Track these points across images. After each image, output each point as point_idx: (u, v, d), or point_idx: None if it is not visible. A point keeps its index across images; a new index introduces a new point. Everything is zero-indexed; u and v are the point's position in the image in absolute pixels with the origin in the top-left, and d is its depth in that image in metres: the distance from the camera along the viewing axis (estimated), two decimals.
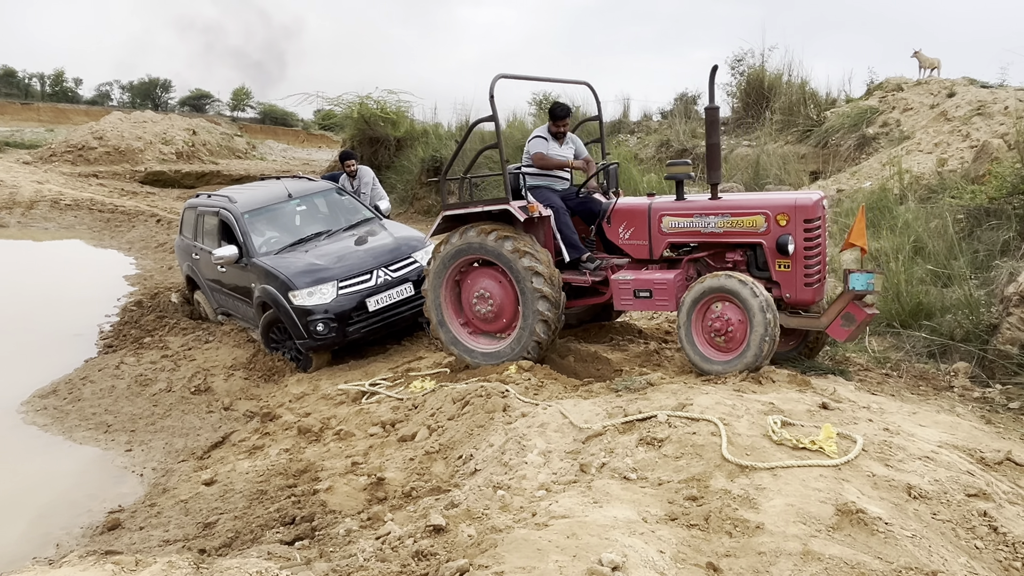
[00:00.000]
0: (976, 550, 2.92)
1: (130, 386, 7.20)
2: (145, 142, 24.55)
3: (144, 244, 14.61)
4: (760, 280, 5.10)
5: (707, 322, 5.06)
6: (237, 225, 7.78)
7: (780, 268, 5.10)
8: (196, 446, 5.90)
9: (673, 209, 5.49)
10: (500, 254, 5.65)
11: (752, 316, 4.77)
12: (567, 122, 6.10)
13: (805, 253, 5.02)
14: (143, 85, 60.34)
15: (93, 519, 4.89)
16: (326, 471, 4.67)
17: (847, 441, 3.67)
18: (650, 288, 5.42)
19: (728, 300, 4.95)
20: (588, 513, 3.09)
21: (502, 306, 5.88)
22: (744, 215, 5.17)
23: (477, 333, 6.15)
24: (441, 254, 6.04)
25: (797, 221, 4.99)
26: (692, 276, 5.52)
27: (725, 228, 5.24)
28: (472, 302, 6.02)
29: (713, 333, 5.04)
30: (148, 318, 9.17)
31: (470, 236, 5.81)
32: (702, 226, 5.34)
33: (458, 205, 6.01)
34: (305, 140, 46.31)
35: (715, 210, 5.29)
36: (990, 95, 10.34)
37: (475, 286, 6.00)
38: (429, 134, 19.20)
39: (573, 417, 4.32)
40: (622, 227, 5.73)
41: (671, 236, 5.51)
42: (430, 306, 6.19)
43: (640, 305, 5.56)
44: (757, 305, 4.75)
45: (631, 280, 5.51)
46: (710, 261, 5.51)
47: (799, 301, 5.14)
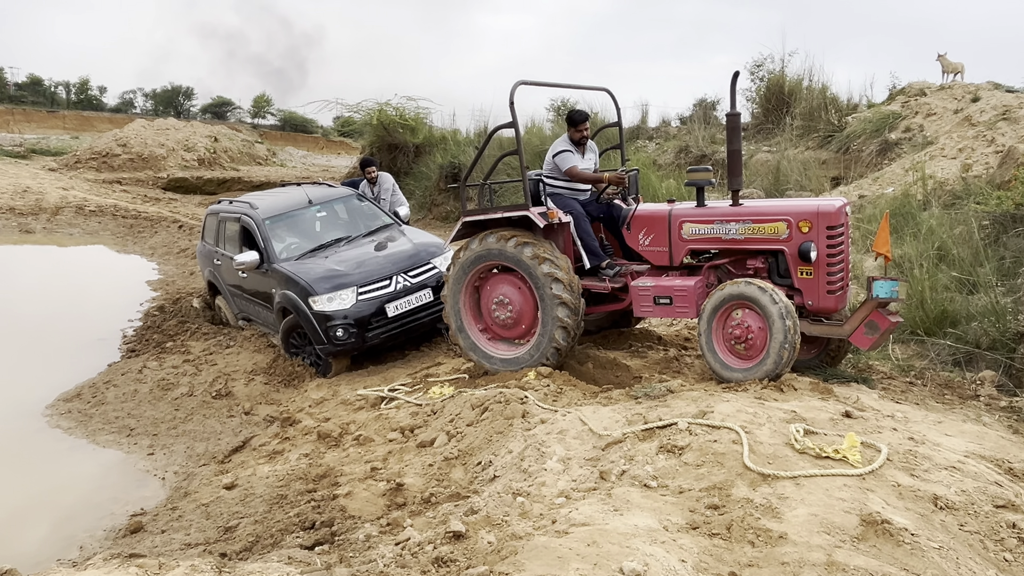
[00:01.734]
0: (1005, 563, 2.86)
1: (152, 390, 7.28)
2: (168, 149, 24.90)
3: (166, 250, 14.78)
4: (782, 287, 5.06)
5: (727, 329, 5.02)
6: (258, 231, 7.84)
7: (802, 275, 5.05)
8: (217, 450, 5.94)
9: (694, 215, 5.45)
10: (520, 260, 5.64)
11: (772, 323, 4.73)
12: (587, 127, 6.09)
13: (828, 260, 4.97)
14: (166, 93, 61.10)
15: (116, 522, 4.94)
16: (346, 476, 4.68)
17: (871, 450, 3.62)
18: (670, 295, 5.40)
19: (748, 307, 4.90)
20: (608, 521, 3.07)
21: (521, 312, 5.88)
22: (766, 222, 5.13)
23: (496, 339, 6.14)
24: (460, 260, 6.05)
25: (820, 228, 4.94)
26: (713, 283, 5.47)
27: (746, 235, 5.21)
28: (491, 308, 6.03)
29: (733, 340, 4.99)
30: (170, 323, 9.27)
31: (489, 242, 5.82)
32: (723, 232, 5.31)
33: (478, 211, 6.02)
34: (324, 147, 46.68)
35: (736, 216, 5.25)
36: (1015, 99, 10.20)
37: (494, 292, 6.00)
38: (448, 140, 19.28)
39: (592, 424, 4.30)
40: (642, 233, 5.70)
41: (692, 243, 5.48)
42: (449, 312, 6.19)
43: (660, 312, 5.51)
44: (777, 312, 4.71)
45: (651, 287, 5.49)
46: (731, 268, 5.47)
47: (821, 309, 5.08)
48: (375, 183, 9.54)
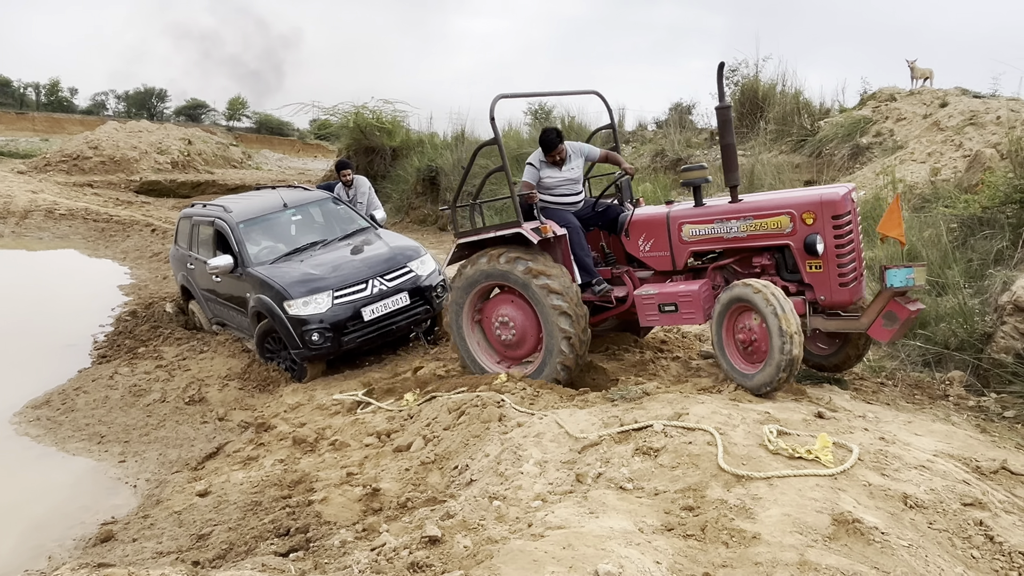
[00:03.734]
0: (972, 560, 2.92)
1: (124, 396, 7.17)
2: (140, 152, 24.56)
3: (139, 254, 14.58)
4: (791, 283, 4.93)
5: (737, 333, 4.85)
6: (232, 235, 7.77)
7: (811, 269, 4.83)
8: (190, 457, 5.87)
9: (692, 216, 5.25)
10: (514, 277, 5.48)
11: (768, 325, 4.53)
12: (561, 149, 5.77)
13: (837, 252, 4.72)
14: (138, 95, 60.32)
15: (86, 531, 4.85)
16: (321, 482, 4.65)
17: (843, 450, 3.67)
18: (675, 301, 5.19)
19: (750, 309, 4.72)
20: (584, 523, 3.08)
21: (524, 330, 5.71)
22: (767, 216, 4.92)
23: (504, 360, 5.96)
24: (458, 285, 5.89)
25: (825, 218, 4.71)
26: (720, 285, 5.27)
27: (749, 232, 5.00)
28: (495, 329, 5.86)
29: (743, 344, 4.82)
30: (142, 328, 9.14)
31: (482, 264, 5.68)
32: (724, 231, 5.10)
33: (471, 232, 5.84)
34: (301, 150, 46.34)
35: (736, 213, 5.05)
36: (982, 105, 10.41)
37: (496, 313, 5.84)
38: (425, 144, 19.24)
39: (569, 427, 4.31)
40: (641, 239, 5.52)
41: (693, 244, 5.28)
42: (455, 340, 6.03)
43: (666, 320, 5.30)
44: (771, 313, 4.50)
45: (654, 294, 5.28)
46: (737, 268, 5.26)
47: (835, 302, 4.85)
48: (350, 186, 9.49)
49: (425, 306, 7.37)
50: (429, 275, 7.51)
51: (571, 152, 5.96)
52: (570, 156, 5.94)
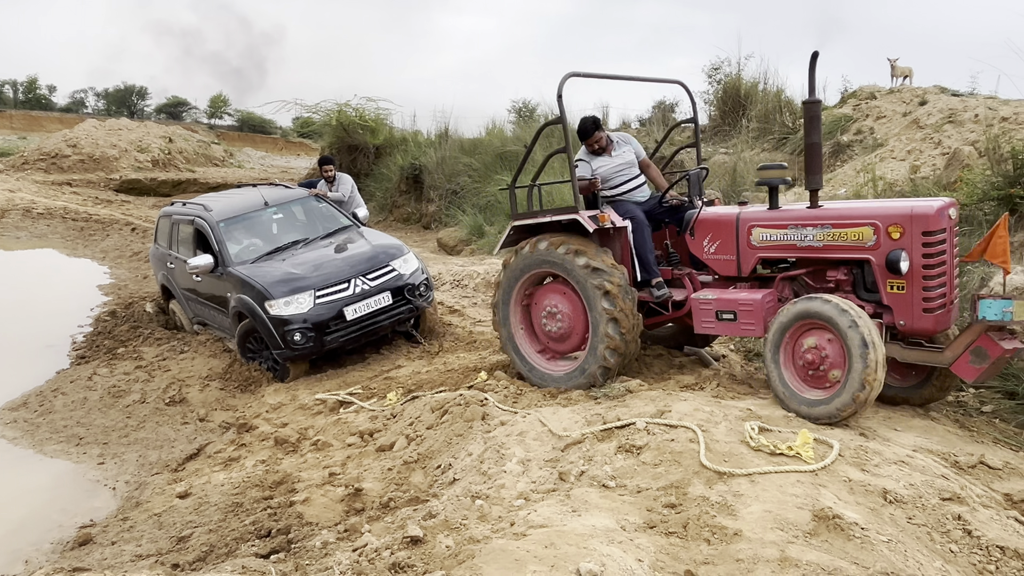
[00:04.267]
0: (951, 554, 2.94)
1: (103, 398, 7.08)
2: (120, 150, 24.27)
3: (119, 253, 14.41)
4: (868, 304, 4.46)
5: (798, 353, 4.34)
6: (212, 234, 7.69)
7: (892, 290, 4.32)
8: (170, 458, 5.80)
9: (765, 219, 4.82)
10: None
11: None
12: (600, 137, 5.55)
13: (924, 272, 4.20)
14: (118, 92, 59.71)
15: (63, 534, 4.78)
16: (303, 482, 4.61)
17: (824, 446, 3.69)
18: (734, 309, 4.80)
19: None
20: (567, 522, 3.07)
21: (572, 325, 5.39)
22: (849, 226, 4.43)
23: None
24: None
25: (914, 233, 4.19)
26: (787, 297, 4.86)
27: (826, 241, 4.52)
28: (542, 319, 5.58)
29: (805, 366, 4.29)
30: (122, 328, 9.03)
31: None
32: (798, 239, 4.64)
33: (527, 215, 5.56)
34: (284, 148, 46.05)
35: (814, 220, 4.57)
36: (961, 103, 10.52)
37: (545, 302, 5.55)
38: (408, 142, 19.18)
39: (552, 425, 4.30)
40: (707, 240, 5.12)
41: (762, 250, 4.85)
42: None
43: (723, 328, 4.93)
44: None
45: (713, 300, 4.91)
46: (808, 280, 4.81)
47: (916, 330, 4.33)
48: (333, 182, 9.43)
49: (408, 305, 7.34)
50: (412, 274, 7.47)
51: (616, 139, 5.72)
52: (616, 143, 5.69)
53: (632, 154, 5.71)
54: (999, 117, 9.55)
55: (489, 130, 18.02)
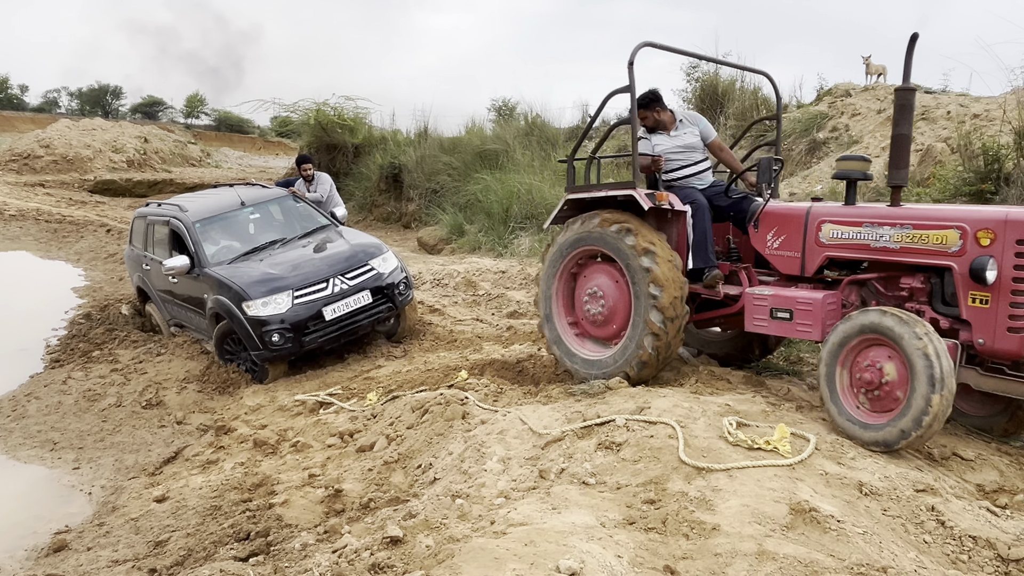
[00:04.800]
0: (925, 544, 2.98)
1: (78, 402, 6.97)
2: (94, 150, 23.96)
3: (94, 255, 14.21)
4: (945, 318, 4.02)
5: (856, 370, 3.95)
6: (188, 234, 7.61)
7: (974, 303, 3.84)
8: (147, 462, 5.73)
9: (837, 215, 4.43)
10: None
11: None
12: (656, 109, 5.25)
13: (1014, 286, 3.72)
14: (92, 92, 58.88)
15: (38, 541, 4.70)
16: (282, 484, 4.57)
17: (800, 440, 3.73)
18: (791, 308, 4.44)
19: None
20: (546, 520, 3.08)
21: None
22: (931, 228, 3.97)
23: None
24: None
25: (1007, 241, 3.72)
26: (852, 303, 4.48)
27: (903, 243, 4.08)
28: (583, 300, 5.26)
29: (863, 387, 3.91)
30: (97, 331, 8.90)
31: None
32: (872, 239, 4.21)
33: (581, 188, 5.25)
34: (262, 147, 45.71)
35: (892, 220, 4.13)
36: (933, 100, 10.67)
37: (589, 282, 5.23)
38: (388, 141, 19.10)
39: (532, 423, 4.31)
40: (771, 233, 4.73)
41: (830, 249, 4.44)
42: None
43: (777, 328, 4.56)
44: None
45: (769, 296, 4.57)
46: (879, 286, 4.38)
47: (998, 351, 3.82)
48: (311, 181, 9.36)
49: (387, 304, 7.31)
50: (391, 273, 7.44)
51: (682, 119, 5.38)
52: (681, 122, 5.35)
53: (695, 136, 5.34)
54: (970, 114, 9.70)
55: (469, 129, 17.98)
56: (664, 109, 5.31)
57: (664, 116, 5.30)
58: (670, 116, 5.32)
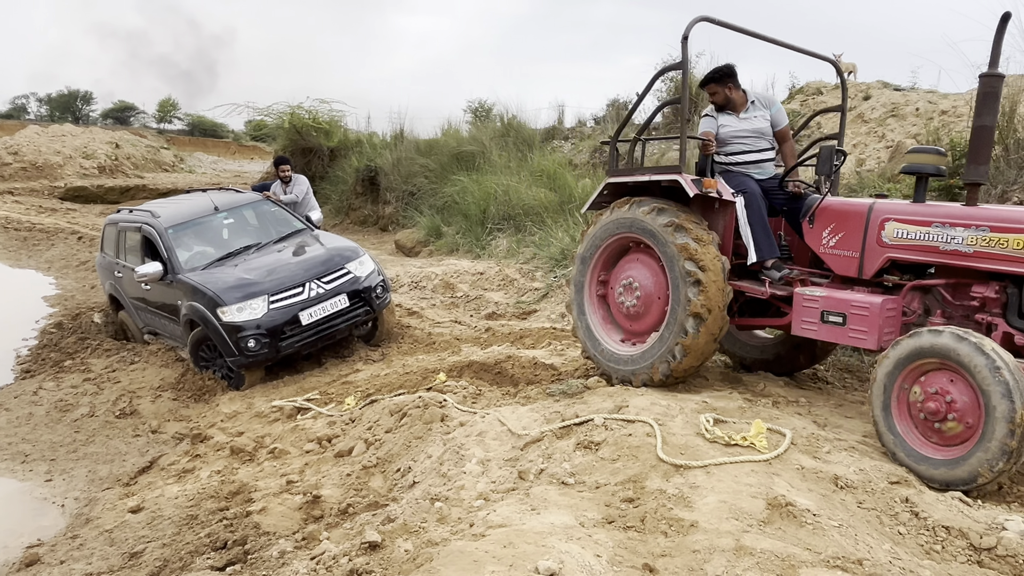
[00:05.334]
0: (899, 536, 3.02)
1: (49, 412, 6.85)
2: (64, 156, 23.59)
3: (65, 263, 13.99)
4: (1021, 332, 3.65)
5: (917, 397, 3.54)
6: (161, 241, 7.51)
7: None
8: (122, 472, 5.64)
9: (904, 213, 4.02)
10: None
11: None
12: (729, 85, 4.90)
13: None
14: (62, 97, 57.90)
15: (9, 555, 4.61)
16: (260, 491, 4.53)
17: (777, 435, 3.76)
18: (845, 311, 4.05)
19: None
20: (526, 521, 3.07)
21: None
22: (1012, 231, 3.58)
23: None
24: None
25: None
26: (916, 311, 4.10)
27: (978, 247, 3.69)
28: (618, 293, 4.95)
29: (926, 415, 3.49)
30: (69, 340, 8.76)
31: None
32: (942, 241, 3.82)
33: (623, 172, 4.92)
34: (236, 152, 45.22)
35: (967, 220, 3.74)
36: (902, 97, 10.85)
37: (624, 272, 4.93)
38: (364, 144, 19.00)
39: (511, 424, 4.30)
40: (828, 230, 4.34)
41: (894, 249, 4.04)
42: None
43: (827, 333, 4.16)
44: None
45: (820, 297, 4.18)
46: (946, 294, 3.99)
47: None
48: (289, 183, 9.30)
49: (365, 307, 7.26)
50: (368, 276, 7.40)
51: (754, 100, 5.01)
52: (752, 104, 4.98)
53: (765, 121, 4.95)
54: (939, 110, 9.87)
55: (445, 131, 17.94)
56: (737, 87, 4.95)
57: (736, 95, 4.94)
58: (742, 96, 4.97)
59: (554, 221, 10.83)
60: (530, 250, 10.70)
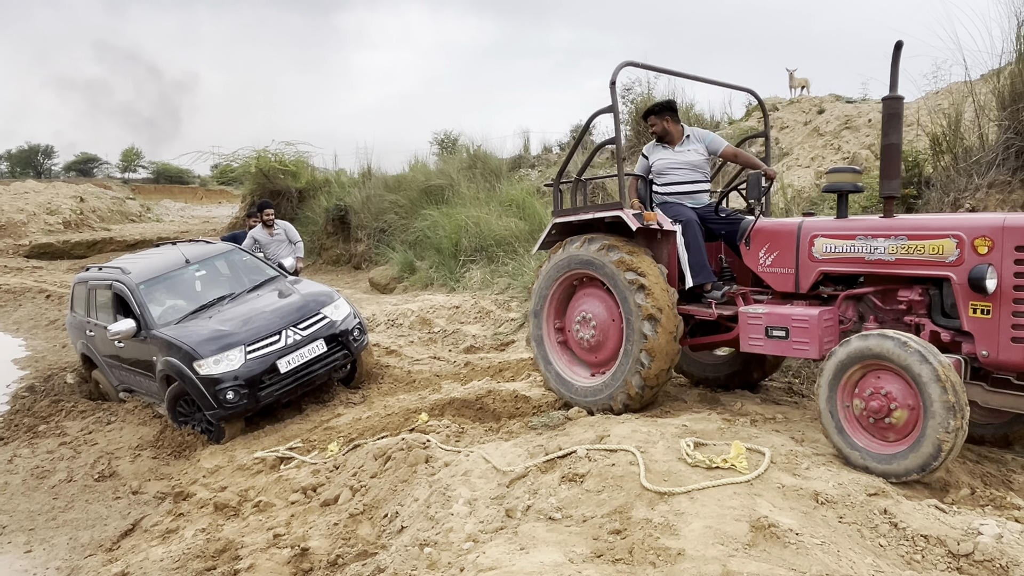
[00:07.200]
0: (880, 548, 3.08)
1: (25, 480, 6.71)
2: (28, 214, 23.30)
3: (33, 323, 13.76)
4: (946, 330, 3.95)
5: (860, 398, 3.77)
6: (132, 297, 7.45)
7: (975, 314, 3.75)
8: (104, 537, 5.54)
9: (830, 229, 4.34)
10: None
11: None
12: (667, 118, 5.25)
13: (1015, 294, 3.64)
14: (22, 153, 57.28)
15: None
16: (246, 548, 4.47)
17: (756, 455, 3.82)
18: (787, 325, 4.33)
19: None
20: (515, 561, 3.09)
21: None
22: (927, 238, 3.89)
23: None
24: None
25: (1005, 249, 3.65)
26: (851, 318, 4.41)
27: (899, 255, 4.00)
28: (574, 327, 5.20)
29: (870, 416, 3.72)
30: (42, 403, 8.60)
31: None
32: (867, 252, 4.13)
33: (568, 212, 5.22)
34: (204, 197, 45.01)
35: (887, 231, 4.06)
36: (855, 109, 11.17)
37: (579, 307, 5.19)
38: (332, 183, 19.06)
39: (496, 461, 4.32)
40: (763, 250, 4.64)
41: (824, 264, 4.35)
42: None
43: (773, 347, 4.43)
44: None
45: (763, 314, 4.45)
46: (877, 301, 4.29)
47: (1003, 363, 3.73)
48: (272, 226, 9.36)
49: (343, 351, 7.26)
50: (344, 319, 7.41)
51: (689, 134, 5.33)
52: (688, 138, 5.31)
53: (699, 155, 5.29)
54: None
55: (412, 165, 18.08)
56: (675, 122, 5.32)
57: (673, 128, 5.30)
58: (679, 130, 5.32)
59: (526, 250, 10.93)
60: (504, 280, 10.77)
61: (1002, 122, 6.13)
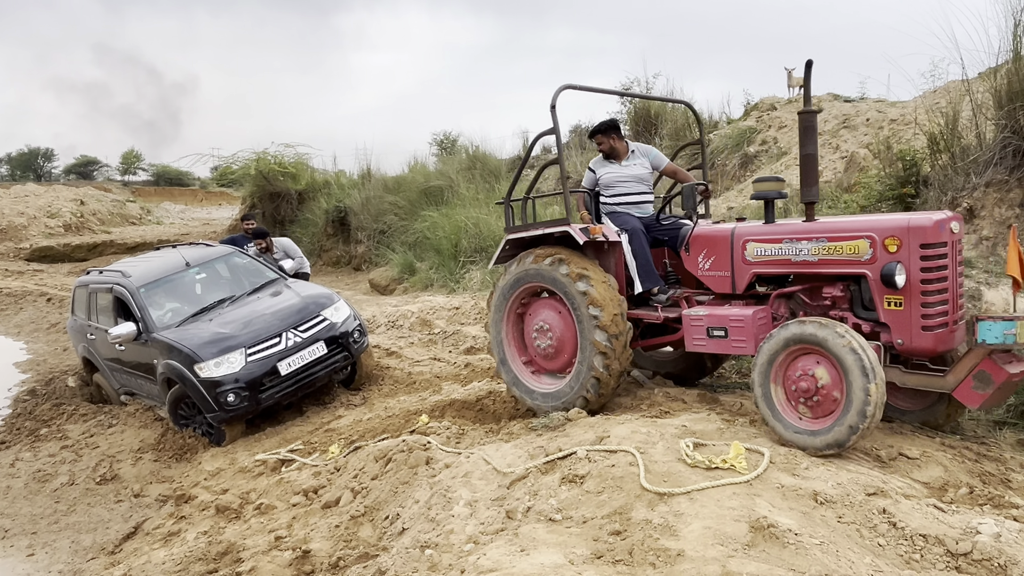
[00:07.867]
0: (879, 548, 3.10)
1: (28, 484, 6.73)
2: (28, 217, 23.34)
3: (35, 327, 13.78)
4: (866, 322, 4.30)
5: (790, 380, 4.13)
6: (133, 300, 7.47)
7: (889, 306, 4.12)
8: (106, 540, 5.57)
9: (759, 234, 4.69)
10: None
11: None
12: (612, 136, 5.63)
13: (922, 288, 4.01)
14: (22, 156, 57.28)
15: None
16: (248, 550, 4.49)
17: (756, 455, 3.84)
18: (725, 325, 4.68)
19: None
20: (515, 563, 3.10)
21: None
22: (844, 239, 4.26)
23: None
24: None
25: (911, 246, 4.02)
26: (783, 315, 4.73)
27: (821, 256, 4.36)
28: (532, 336, 5.48)
29: (800, 396, 4.07)
30: (44, 407, 8.62)
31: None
32: (793, 254, 4.48)
33: (519, 228, 5.50)
34: (204, 199, 45.02)
35: (809, 234, 4.41)
36: (853, 108, 11.15)
37: (535, 318, 5.46)
38: (331, 184, 19.07)
39: (496, 462, 4.34)
40: (702, 255, 5.00)
41: (756, 266, 4.70)
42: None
43: (715, 346, 4.78)
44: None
45: (704, 316, 4.81)
46: (804, 297, 4.63)
47: (916, 349, 4.12)
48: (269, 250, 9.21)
49: (343, 353, 7.28)
50: (344, 321, 7.42)
51: (634, 149, 5.71)
52: (632, 153, 5.68)
53: (644, 169, 5.68)
54: (888, 119, 10.17)
55: (412, 166, 18.09)
56: (620, 139, 5.67)
57: (619, 145, 5.65)
58: (624, 146, 5.68)
59: None
60: None
61: (999, 121, 6.14)
